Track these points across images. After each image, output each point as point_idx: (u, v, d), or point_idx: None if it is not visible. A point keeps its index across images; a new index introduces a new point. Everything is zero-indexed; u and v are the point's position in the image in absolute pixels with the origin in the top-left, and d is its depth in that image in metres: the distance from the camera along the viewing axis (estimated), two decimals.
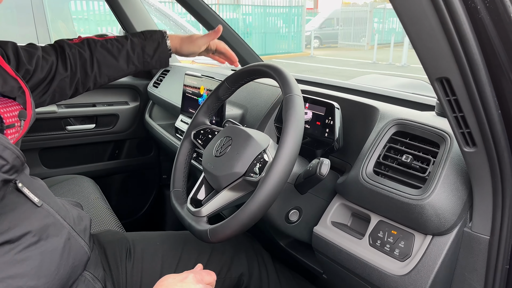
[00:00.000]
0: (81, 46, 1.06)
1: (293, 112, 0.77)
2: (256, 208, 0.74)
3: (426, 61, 0.60)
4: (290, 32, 15.03)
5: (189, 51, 1.17)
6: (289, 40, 15.12)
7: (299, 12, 15.08)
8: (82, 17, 7.58)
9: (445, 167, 0.74)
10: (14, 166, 0.63)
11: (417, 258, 0.76)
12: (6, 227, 0.64)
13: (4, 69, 0.76)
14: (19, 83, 0.77)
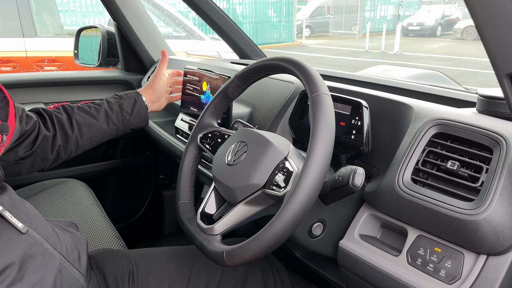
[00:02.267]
0: (58, 111, 1.05)
1: (323, 114, 0.66)
2: (282, 229, 0.63)
3: (497, 54, 0.49)
4: (281, 22, 14.87)
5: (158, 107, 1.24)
6: (280, 30, 14.96)
7: (289, 1, 14.90)
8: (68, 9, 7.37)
9: (502, 176, 0.63)
10: None
11: (469, 281, 0.65)
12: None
13: None
14: (3, 92, 0.65)
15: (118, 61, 2.04)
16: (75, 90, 1.87)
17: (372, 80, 1.12)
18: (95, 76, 1.96)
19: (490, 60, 0.51)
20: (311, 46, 14.69)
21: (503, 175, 0.63)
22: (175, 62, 1.80)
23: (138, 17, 1.86)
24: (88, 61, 2.11)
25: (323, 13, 19.10)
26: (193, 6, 1.74)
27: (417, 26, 16.06)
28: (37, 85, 1.78)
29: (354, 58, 11.20)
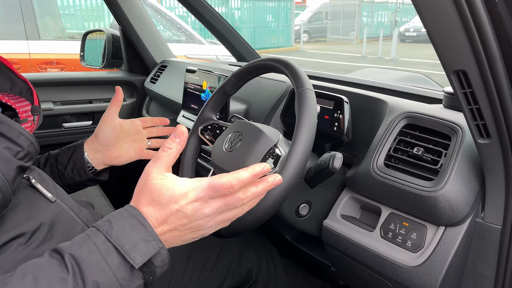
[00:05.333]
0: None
1: (306, 106, 0.77)
2: (271, 203, 0.74)
3: (444, 54, 0.61)
4: (279, 27, 15.01)
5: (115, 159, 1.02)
6: (278, 35, 15.11)
7: (288, 6, 15.05)
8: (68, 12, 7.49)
9: (457, 159, 0.75)
10: (29, 153, 0.64)
11: (430, 249, 0.77)
12: (21, 219, 0.65)
13: (12, 72, 0.75)
14: (27, 84, 0.76)
15: (122, 62, 2.15)
16: (81, 90, 1.98)
17: (354, 80, 1.24)
18: (100, 77, 2.07)
19: (440, 60, 0.62)
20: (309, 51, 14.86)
21: (458, 158, 0.75)
22: (175, 63, 1.91)
23: (142, 22, 1.97)
24: (93, 63, 2.22)
25: (321, 18, 19.29)
26: (193, 11, 1.85)
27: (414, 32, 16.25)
28: (46, 85, 1.88)
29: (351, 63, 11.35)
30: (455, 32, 0.56)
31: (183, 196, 0.56)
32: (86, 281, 0.50)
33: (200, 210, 0.57)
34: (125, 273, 0.53)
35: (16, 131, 0.62)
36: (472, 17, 0.55)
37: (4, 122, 0.62)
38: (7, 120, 0.62)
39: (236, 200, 0.57)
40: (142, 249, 0.53)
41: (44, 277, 0.50)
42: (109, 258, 0.52)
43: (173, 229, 0.57)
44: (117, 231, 0.54)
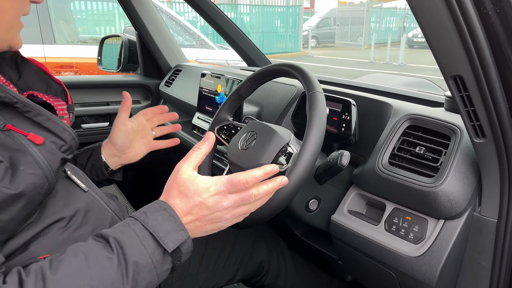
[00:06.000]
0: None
1: (317, 107, 0.84)
2: (284, 196, 0.81)
3: (442, 61, 0.67)
4: (287, 32, 15.11)
5: (131, 158, 1.08)
6: (286, 40, 15.21)
7: (296, 12, 15.16)
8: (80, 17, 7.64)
9: (456, 157, 0.81)
10: (71, 147, 0.72)
11: (430, 241, 0.83)
12: (60, 206, 0.74)
13: (48, 75, 0.83)
14: (61, 86, 0.84)
15: (137, 66, 2.24)
16: (99, 93, 2.07)
17: (361, 84, 1.30)
18: (117, 80, 2.16)
19: (438, 66, 0.69)
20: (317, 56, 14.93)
21: (457, 157, 0.81)
22: (189, 68, 1.99)
23: (158, 28, 2.06)
24: (110, 67, 2.31)
25: (329, 24, 19.38)
26: (206, 17, 1.93)
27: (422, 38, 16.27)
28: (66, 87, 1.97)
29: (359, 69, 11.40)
30: (452, 41, 0.63)
31: (206, 190, 0.66)
32: (128, 260, 0.59)
33: (220, 203, 0.66)
34: (159, 256, 0.62)
35: (61, 127, 0.71)
36: (467, 28, 0.61)
37: (51, 119, 0.69)
38: (54, 117, 0.70)
39: (250, 195, 0.67)
40: (173, 236, 0.63)
41: (93, 255, 0.59)
42: (146, 242, 0.62)
43: (196, 219, 0.67)
44: (152, 220, 0.63)
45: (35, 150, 0.66)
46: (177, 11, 11.27)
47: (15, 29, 0.71)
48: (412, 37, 16.57)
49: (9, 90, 0.66)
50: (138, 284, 0.60)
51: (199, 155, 0.73)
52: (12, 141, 0.65)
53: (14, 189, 0.61)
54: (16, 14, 0.70)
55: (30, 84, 0.79)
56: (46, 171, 0.66)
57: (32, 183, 0.64)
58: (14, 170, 0.63)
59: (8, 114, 0.67)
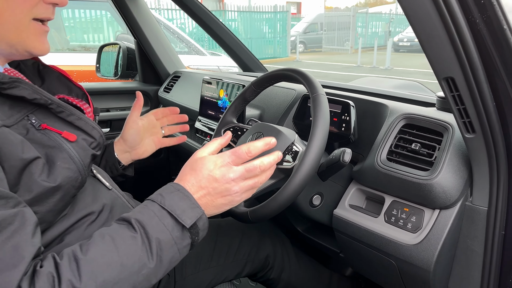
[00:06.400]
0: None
1: (321, 108, 0.91)
2: (292, 190, 0.87)
3: (435, 64, 0.75)
4: (275, 38, 15.26)
5: (141, 154, 1.16)
6: (275, 45, 15.35)
7: (284, 17, 15.32)
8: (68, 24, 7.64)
9: (448, 152, 0.89)
10: (99, 143, 0.79)
11: (427, 229, 0.90)
12: (89, 201, 0.80)
13: (69, 80, 0.88)
14: (82, 90, 0.90)
15: (136, 73, 2.29)
16: (99, 99, 2.11)
17: (358, 88, 1.38)
18: (116, 87, 2.21)
19: (432, 69, 0.76)
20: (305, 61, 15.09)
21: (449, 151, 0.89)
22: (188, 74, 2.05)
23: (156, 35, 2.12)
24: (108, 74, 2.36)
25: (316, 29, 19.61)
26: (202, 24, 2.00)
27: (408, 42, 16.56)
28: None
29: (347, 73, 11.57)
30: (444, 46, 0.70)
31: (213, 163, 0.73)
32: (150, 238, 0.65)
33: (226, 175, 0.72)
34: (178, 232, 0.68)
35: (90, 125, 0.77)
36: (457, 34, 0.69)
37: (81, 118, 0.75)
38: (84, 117, 0.76)
39: (254, 166, 0.73)
40: (189, 213, 0.69)
41: (119, 236, 0.64)
42: (165, 221, 0.67)
43: (207, 193, 0.72)
44: (168, 201, 0.69)
45: (69, 147, 0.72)
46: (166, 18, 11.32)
47: (25, 31, 0.72)
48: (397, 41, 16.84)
49: (44, 93, 0.71)
50: (162, 259, 0.65)
51: (215, 144, 0.81)
52: (48, 139, 0.70)
53: (53, 182, 0.67)
54: (19, 15, 0.71)
55: (52, 89, 0.84)
56: (79, 166, 0.72)
57: (68, 177, 0.70)
58: (51, 165, 0.68)
59: (42, 114, 0.73)
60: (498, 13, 0.66)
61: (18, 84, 0.68)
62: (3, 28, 0.70)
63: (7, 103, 0.69)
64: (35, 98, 0.71)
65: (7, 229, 0.56)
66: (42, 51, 0.77)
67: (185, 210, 0.68)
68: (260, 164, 0.74)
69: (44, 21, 0.76)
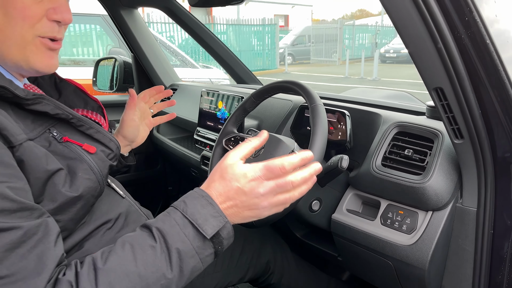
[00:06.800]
0: None
1: (319, 117, 0.96)
2: None
3: (425, 76, 0.81)
4: (264, 50, 15.42)
5: (138, 143, 1.17)
6: (263, 58, 15.50)
7: (272, 30, 15.51)
8: None
9: (439, 157, 0.95)
10: (116, 155, 0.83)
11: (421, 230, 0.96)
12: (106, 210, 0.84)
13: (85, 93, 0.93)
14: (98, 103, 0.94)
15: (132, 86, 2.33)
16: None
17: (351, 98, 1.45)
18: (113, 100, 2.25)
19: (423, 80, 0.82)
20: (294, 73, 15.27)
21: (440, 156, 0.95)
22: (184, 86, 2.10)
23: (153, 50, 2.17)
24: (104, 88, 2.39)
25: (304, 41, 19.88)
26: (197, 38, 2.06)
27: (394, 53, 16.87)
28: None
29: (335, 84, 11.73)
30: (433, 59, 0.77)
31: (243, 175, 0.69)
32: (170, 248, 0.65)
33: (256, 189, 0.69)
34: (199, 242, 0.67)
35: (108, 138, 0.81)
36: (445, 48, 0.75)
37: (100, 131, 0.80)
38: (102, 130, 0.80)
39: (287, 182, 0.69)
40: (212, 223, 0.67)
41: (138, 245, 0.65)
42: (186, 230, 0.66)
43: (234, 205, 0.70)
44: (191, 209, 0.68)
45: (90, 158, 0.76)
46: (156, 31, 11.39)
47: (28, 48, 0.73)
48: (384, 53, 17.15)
49: (65, 108, 0.76)
50: (183, 269, 0.65)
51: (249, 146, 0.75)
52: (69, 151, 0.74)
53: (75, 192, 0.71)
54: (21, 32, 0.71)
55: (69, 102, 0.89)
56: (98, 176, 0.76)
57: (88, 187, 0.74)
58: (72, 176, 0.72)
59: (63, 127, 0.77)
60: (481, 29, 0.73)
61: (41, 100, 0.72)
62: (5, 45, 0.71)
63: (29, 117, 0.72)
64: (57, 113, 0.75)
65: (32, 239, 0.58)
66: (47, 68, 0.77)
67: (208, 219, 0.67)
68: (294, 179, 0.70)
69: (55, 39, 0.77)
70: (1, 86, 0.67)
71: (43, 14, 0.73)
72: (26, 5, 0.71)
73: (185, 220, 0.68)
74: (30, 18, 0.72)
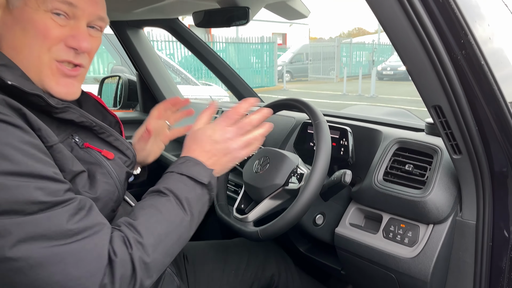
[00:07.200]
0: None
1: (323, 134, 1.00)
2: (300, 209, 0.95)
3: (424, 94, 0.85)
4: (263, 67, 15.60)
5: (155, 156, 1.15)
6: (262, 75, 15.66)
7: (270, 48, 15.71)
8: None
9: (439, 172, 0.99)
10: (132, 162, 0.87)
11: (423, 243, 0.99)
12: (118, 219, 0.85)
13: (104, 107, 0.97)
14: (115, 118, 0.98)
15: (136, 104, 2.38)
16: None
17: (352, 115, 1.49)
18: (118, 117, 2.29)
19: (422, 98, 0.87)
20: (292, 90, 15.42)
21: (439, 171, 0.99)
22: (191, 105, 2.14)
23: (156, 67, 2.22)
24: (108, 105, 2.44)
25: (302, 59, 20.12)
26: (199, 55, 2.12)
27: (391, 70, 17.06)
28: None
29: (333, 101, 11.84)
30: (431, 79, 0.81)
31: (211, 130, 0.86)
32: (180, 198, 0.77)
33: (224, 135, 0.85)
34: (199, 190, 0.80)
35: (126, 145, 0.86)
36: (442, 69, 0.79)
37: (119, 139, 0.84)
38: (121, 138, 0.85)
39: (244, 123, 0.87)
40: (204, 173, 0.81)
41: (156, 202, 0.75)
42: (188, 183, 0.79)
43: (212, 155, 0.84)
44: (184, 169, 0.80)
45: (108, 164, 0.80)
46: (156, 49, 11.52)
47: (44, 71, 0.75)
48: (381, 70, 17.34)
49: (89, 116, 0.80)
50: (193, 213, 0.78)
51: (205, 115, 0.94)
52: (90, 156, 0.79)
53: (93, 194, 0.75)
54: (37, 53, 0.74)
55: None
56: (116, 181, 0.80)
57: (106, 190, 0.78)
58: (92, 179, 0.77)
59: (85, 134, 0.82)
60: (476, 50, 0.78)
61: (68, 108, 0.77)
62: (23, 64, 0.74)
63: (54, 123, 0.77)
64: (82, 121, 0.80)
65: (86, 206, 0.67)
66: (60, 94, 0.79)
67: (200, 172, 0.81)
68: (250, 120, 0.88)
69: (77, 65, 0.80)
70: (37, 94, 0.71)
71: (62, 39, 0.76)
72: (48, 27, 0.74)
73: (183, 177, 0.80)
74: (49, 40, 0.75)
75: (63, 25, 0.76)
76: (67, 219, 0.62)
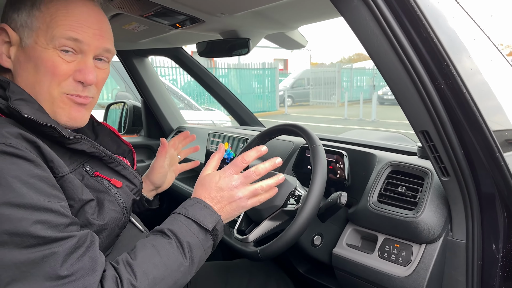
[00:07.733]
0: None
1: (319, 157, 1.06)
2: (297, 229, 1.00)
3: (412, 120, 0.91)
4: (264, 92, 15.80)
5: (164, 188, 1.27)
6: (264, 100, 15.85)
7: (272, 73, 15.96)
8: None
9: (429, 193, 1.04)
10: (139, 190, 0.92)
11: (416, 262, 1.03)
12: (127, 242, 0.92)
13: (118, 137, 1.03)
14: (129, 147, 1.04)
15: (141, 129, 2.46)
16: None
17: (348, 140, 1.55)
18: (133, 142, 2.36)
19: (410, 123, 0.93)
20: (293, 114, 15.56)
21: (430, 193, 1.04)
22: (192, 129, 2.22)
23: (161, 93, 2.31)
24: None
25: (303, 84, 20.37)
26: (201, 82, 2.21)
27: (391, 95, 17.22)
28: None
29: (334, 125, 11.94)
30: (418, 106, 0.87)
31: (217, 176, 0.89)
32: (182, 242, 0.79)
33: (230, 183, 0.88)
34: (203, 235, 0.82)
35: (133, 174, 0.91)
36: (428, 97, 0.86)
37: (127, 168, 0.90)
38: (129, 167, 0.90)
39: (250, 172, 0.90)
40: (209, 219, 0.84)
41: (157, 243, 0.78)
42: (192, 227, 0.82)
43: (217, 202, 0.87)
44: (191, 211, 0.84)
45: (116, 192, 0.85)
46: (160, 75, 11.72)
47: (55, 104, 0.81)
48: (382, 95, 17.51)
49: (100, 147, 0.86)
50: (193, 258, 0.80)
51: (215, 160, 0.97)
52: (99, 185, 0.84)
53: (101, 221, 0.80)
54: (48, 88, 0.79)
55: (104, 144, 0.98)
56: (123, 208, 0.85)
57: (113, 217, 0.83)
58: (100, 207, 0.82)
59: (95, 163, 0.87)
60: (458, 80, 0.84)
61: (80, 139, 0.83)
62: (38, 99, 0.80)
63: (67, 154, 0.83)
64: (92, 152, 0.85)
65: (84, 245, 0.70)
66: (70, 123, 0.84)
67: (206, 217, 0.83)
68: (255, 170, 0.90)
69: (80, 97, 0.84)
70: (51, 126, 0.77)
71: (70, 74, 0.82)
72: (56, 64, 0.80)
73: (189, 220, 0.83)
74: (57, 77, 0.80)
75: (70, 61, 0.81)
76: (62, 261, 0.65)
